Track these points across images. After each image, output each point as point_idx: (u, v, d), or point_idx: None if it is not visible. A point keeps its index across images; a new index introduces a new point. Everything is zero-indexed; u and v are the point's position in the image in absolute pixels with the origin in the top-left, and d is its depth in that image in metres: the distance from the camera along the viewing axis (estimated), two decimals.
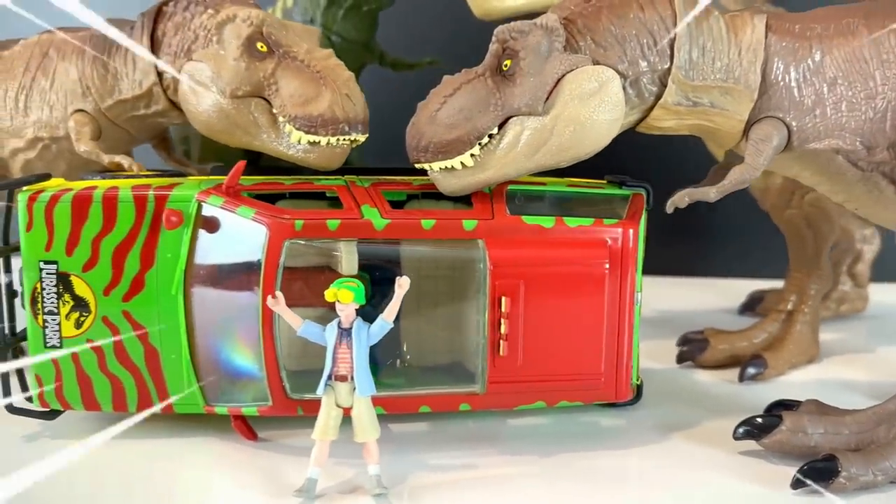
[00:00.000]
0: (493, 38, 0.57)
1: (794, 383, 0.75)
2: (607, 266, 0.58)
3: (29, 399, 0.63)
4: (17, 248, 0.62)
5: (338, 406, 0.54)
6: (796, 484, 0.55)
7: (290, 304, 0.64)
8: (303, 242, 0.58)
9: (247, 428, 0.62)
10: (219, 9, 0.64)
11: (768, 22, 0.58)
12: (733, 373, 0.76)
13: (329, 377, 0.54)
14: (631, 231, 0.59)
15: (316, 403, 0.58)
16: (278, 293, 0.55)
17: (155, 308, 0.61)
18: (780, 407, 0.62)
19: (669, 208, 0.58)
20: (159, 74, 0.66)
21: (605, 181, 0.66)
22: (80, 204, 0.60)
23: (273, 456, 0.60)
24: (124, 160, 0.66)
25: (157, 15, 0.67)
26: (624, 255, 0.59)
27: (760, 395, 0.70)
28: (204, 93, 0.62)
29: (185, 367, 0.61)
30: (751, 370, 0.74)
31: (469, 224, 0.58)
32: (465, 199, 0.61)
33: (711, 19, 0.58)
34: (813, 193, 0.77)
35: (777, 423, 0.59)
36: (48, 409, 0.63)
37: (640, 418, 0.65)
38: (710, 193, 0.57)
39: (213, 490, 0.56)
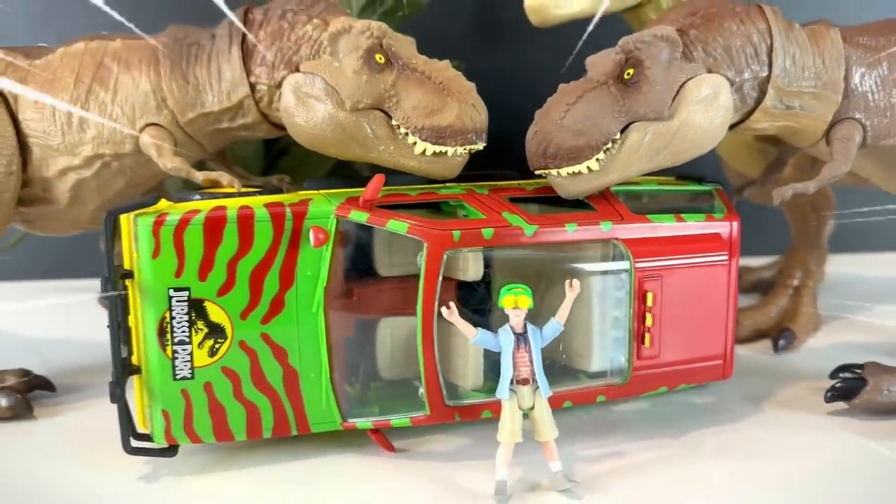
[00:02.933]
0: (618, 49, 0.61)
1: (818, 348, 0.84)
2: (725, 257, 0.63)
3: (144, 437, 0.60)
4: (128, 276, 0.58)
5: (520, 408, 0.55)
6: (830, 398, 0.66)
7: (388, 313, 0.65)
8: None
9: (384, 440, 0.62)
10: (326, 19, 0.62)
11: (842, 34, 0.65)
12: (763, 345, 0.84)
13: (511, 381, 0.55)
14: (735, 224, 0.65)
15: (469, 409, 0.60)
16: (451, 304, 0.55)
17: (295, 328, 0.59)
18: (844, 370, 0.71)
19: (776, 201, 0.64)
20: (251, 85, 0.64)
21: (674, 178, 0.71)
22: (214, 225, 0.57)
23: (422, 464, 0.60)
24: (222, 177, 0.63)
25: (244, 23, 0.64)
26: (732, 246, 0.64)
27: (803, 362, 0.79)
28: (317, 105, 0.61)
29: (324, 385, 0.60)
30: (782, 342, 0.83)
31: (606, 226, 0.61)
32: (571, 203, 0.64)
33: (796, 31, 0.65)
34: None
35: (862, 384, 0.67)
36: (169, 446, 0.59)
37: (725, 394, 0.71)
38: (810, 187, 0.64)
39: (391, 500, 0.56)
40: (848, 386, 0.67)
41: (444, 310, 0.55)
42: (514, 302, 0.55)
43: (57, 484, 0.59)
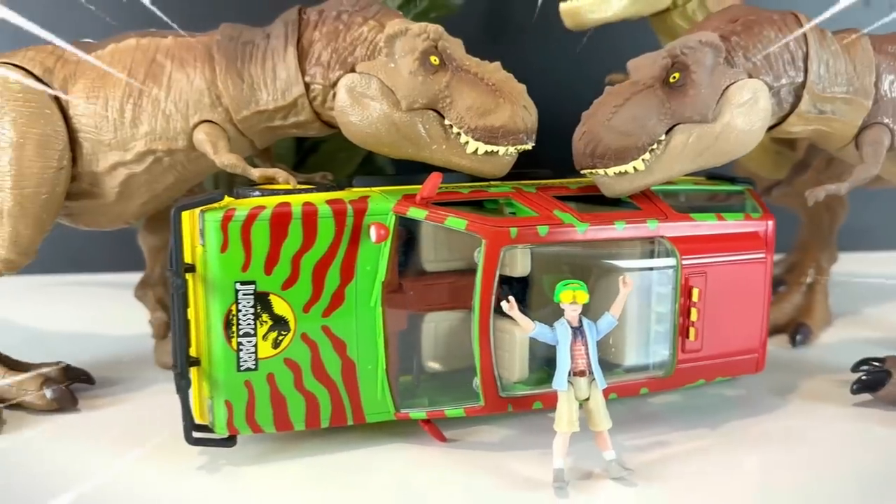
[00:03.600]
0: (664, 54, 0.63)
1: (831, 343, 0.87)
2: (763, 255, 0.66)
3: (203, 427, 0.61)
4: (189, 269, 0.59)
5: (576, 399, 0.58)
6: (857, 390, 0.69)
7: (430, 308, 0.67)
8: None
9: (437, 430, 0.64)
10: (382, 21, 0.64)
11: (871, 42, 0.69)
12: (779, 340, 0.87)
13: (569, 373, 0.57)
14: (770, 223, 0.68)
15: (522, 400, 0.62)
16: (511, 298, 0.57)
17: (354, 321, 0.61)
18: (866, 364, 0.74)
19: (810, 201, 0.67)
20: (306, 84, 0.65)
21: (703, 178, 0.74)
22: (280, 221, 0.58)
23: (476, 454, 0.62)
24: (278, 174, 0.64)
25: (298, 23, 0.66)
26: (768, 245, 0.67)
27: (820, 356, 0.82)
28: (372, 105, 0.63)
29: (380, 377, 0.62)
30: (800, 337, 0.86)
31: (652, 224, 0.64)
32: (612, 201, 0.67)
33: (828, 39, 0.68)
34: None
35: (886, 377, 0.70)
36: (228, 436, 0.61)
37: (752, 387, 0.74)
38: (842, 189, 0.67)
39: (447, 488, 0.58)
40: (873, 378, 0.70)
41: (504, 304, 0.57)
42: (573, 297, 0.57)
43: (115, 476, 0.60)
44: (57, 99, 0.67)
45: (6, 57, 0.69)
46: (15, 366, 0.73)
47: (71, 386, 0.74)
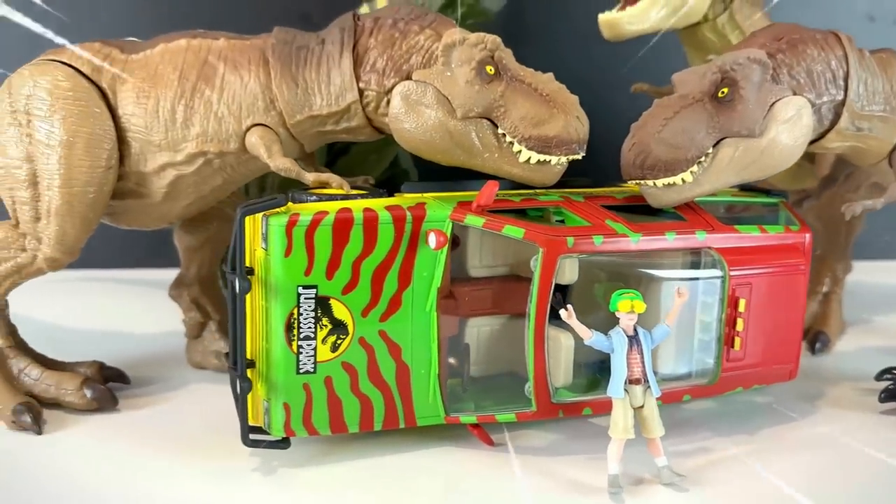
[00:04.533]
0: (715, 69, 0.65)
1: (848, 351, 0.90)
2: (803, 266, 0.68)
3: (256, 429, 0.61)
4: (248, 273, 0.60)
5: (633, 407, 0.59)
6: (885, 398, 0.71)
7: (474, 313, 0.68)
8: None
9: (485, 434, 0.65)
10: (438, 30, 0.65)
11: None
12: None
13: (624, 381, 0.59)
14: (808, 235, 0.70)
15: (572, 406, 0.63)
16: (570, 306, 0.59)
17: (409, 325, 0.61)
18: (889, 373, 0.76)
19: (847, 216, 0.69)
20: (360, 91, 0.66)
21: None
22: (342, 227, 0.59)
23: (526, 458, 0.63)
24: (332, 178, 0.64)
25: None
26: (806, 257, 0.69)
27: (840, 364, 0.85)
28: (427, 112, 0.63)
29: (432, 381, 0.63)
30: (819, 345, 0.88)
31: (701, 235, 0.65)
32: (655, 211, 0.68)
33: (867, 58, 0.70)
34: (851, 193, 0.93)
35: None
36: (283, 438, 0.61)
37: (780, 394, 0.76)
38: (878, 204, 0.69)
39: (498, 493, 0.59)
40: None
41: (563, 312, 0.58)
42: (631, 306, 0.58)
43: (167, 479, 0.60)
44: (105, 97, 0.67)
45: (54, 54, 0.69)
46: (51, 365, 0.73)
47: (108, 385, 0.74)
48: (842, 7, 1.28)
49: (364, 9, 0.88)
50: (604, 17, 0.80)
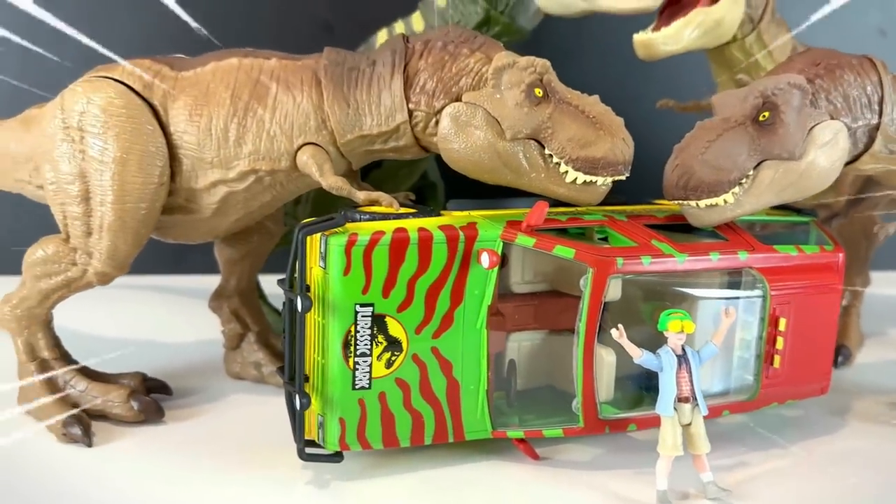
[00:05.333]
0: (756, 94, 0.66)
1: (869, 364, 0.92)
2: (837, 286, 0.70)
3: (311, 443, 0.63)
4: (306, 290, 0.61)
5: (681, 424, 0.61)
6: None
7: (517, 328, 0.70)
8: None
9: (530, 448, 0.66)
10: (488, 53, 0.66)
11: None
12: None
13: (674, 399, 0.60)
14: (841, 255, 0.72)
15: (618, 422, 0.65)
16: (620, 326, 0.60)
17: (460, 342, 0.63)
18: None
19: (882, 237, 0.71)
20: (409, 111, 0.67)
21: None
22: (398, 246, 0.60)
23: (573, 472, 0.65)
24: (382, 197, 0.66)
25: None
26: (840, 276, 0.71)
27: (862, 377, 0.87)
28: (476, 133, 0.65)
29: (480, 396, 0.64)
30: (841, 358, 0.90)
31: (743, 255, 0.67)
32: (693, 230, 0.70)
33: None
34: (870, 210, 0.95)
35: None
36: (336, 452, 0.62)
37: (808, 408, 0.78)
38: None
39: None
40: None
41: (614, 331, 0.60)
42: (681, 326, 0.60)
43: (223, 492, 0.61)
44: (157, 115, 0.68)
45: (105, 71, 0.70)
46: (96, 377, 0.74)
47: (149, 396, 0.75)
48: (853, 22, 1.30)
49: (399, 26, 0.89)
50: (638, 38, 0.82)
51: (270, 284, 0.85)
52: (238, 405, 0.77)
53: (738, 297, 0.68)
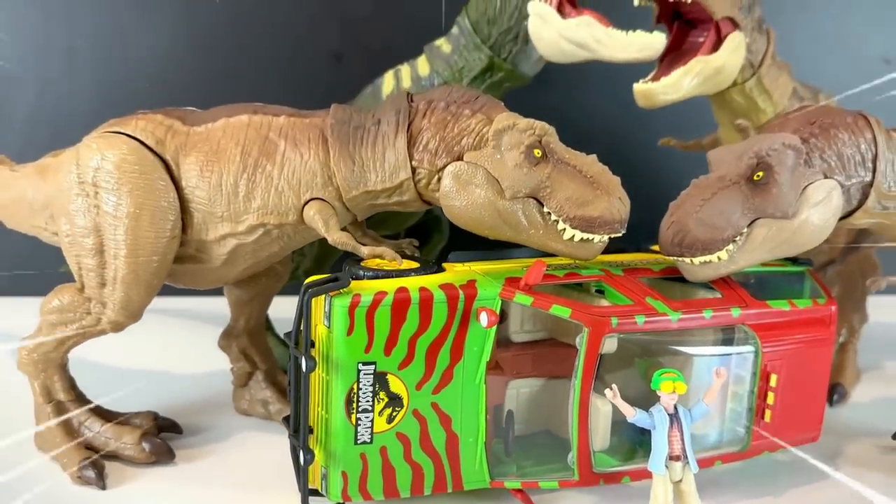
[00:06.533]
0: (751, 154, 0.68)
1: (864, 403, 0.94)
2: (829, 340, 0.72)
3: (314, 492, 0.65)
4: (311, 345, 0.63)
5: (672, 482, 0.63)
6: None
7: (516, 376, 0.72)
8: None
9: (527, 498, 0.68)
10: (489, 114, 0.68)
11: None
12: None
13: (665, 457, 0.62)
14: (833, 308, 0.73)
15: (613, 475, 0.67)
16: (614, 386, 0.62)
17: (460, 397, 0.65)
18: None
19: (873, 290, 0.73)
20: (413, 169, 0.69)
21: None
22: (400, 306, 0.62)
23: None
24: (385, 252, 0.68)
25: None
26: (832, 329, 0.73)
27: (855, 417, 0.88)
28: (477, 192, 0.67)
29: (479, 448, 0.66)
30: (836, 397, 0.92)
31: (736, 312, 0.69)
32: (686, 281, 0.72)
33: (894, 139, 0.73)
34: (867, 250, 0.96)
35: None
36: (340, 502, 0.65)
37: (802, 450, 0.80)
38: None
39: None
40: None
41: (608, 392, 0.62)
42: (673, 388, 0.62)
43: None
44: (169, 169, 0.70)
45: (118, 126, 0.72)
46: (110, 417, 0.76)
47: (160, 435, 0.77)
48: (858, 50, 1.32)
49: (405, 69, 0.90)
50: (638, 88, 0.83)
51: (279, 310, 0.88)
52: (245, 445, 0.79)
53: (730, 354, 0.70)
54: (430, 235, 1.05)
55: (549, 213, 0.67)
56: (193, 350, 0.99)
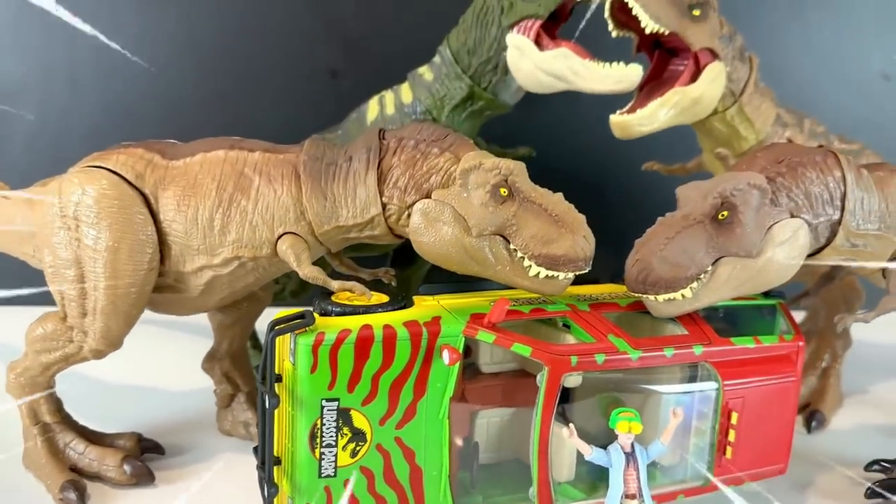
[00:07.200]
0: (716, 194, 0.69)
1: (843, 430, 0.94)
2: (793, 378, 0.72)
3: None
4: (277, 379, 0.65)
5: None
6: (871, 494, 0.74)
7: (488, 406, 0.73)
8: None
9: None
10: (457, 153, 0.69)
11: None
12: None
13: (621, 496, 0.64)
14: (801, 343, 0.74)
15: None
16: (571, 426, 0.64)
17: (423, 432, 0.67)
18: (877, 464, 0.81)
19: (839, 328, 0.73)
20: (383, 205, 0.70)
21: None
22: (363, 344, 0.64)
23: None
24: (355, 287, 0.69)
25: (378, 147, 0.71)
26: (799, 366, 0.73)
27: (833, 445, 0.89)
28: (444, 229, 0.68)
29: (443, 481, 0.68)
30: (815, 423, 0.92)
31: (698, 349, 0.70)
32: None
33: (864, 177, 0.73)
34: (849, 277, 0.96)
35: None
36: None
37: (769, 482, 0.80)
38: (868, 318, 0.74)
39: None
40: (888, 484, 0.77)
41: (564, 431, 0.64)
42: (628, 427, 0.63)
43: None
44: (148, 203, 0.72)
45: (99, 159, 0.74)
46: (94, 438, 0.79)
47: (144, 456, 0.80)
48: (856, 67, 1.31)
49: (388, 95, 0.92)
50: (614, 119, 0.84)
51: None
52: (225, 466, 0.81)
53: (693, 391, 0.71)
54: (416, 257, 1.06)
55: (516, 250, 0.69)
56: (182, 366, 1.01)
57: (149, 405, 0.93)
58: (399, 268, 0.81)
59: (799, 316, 1.09)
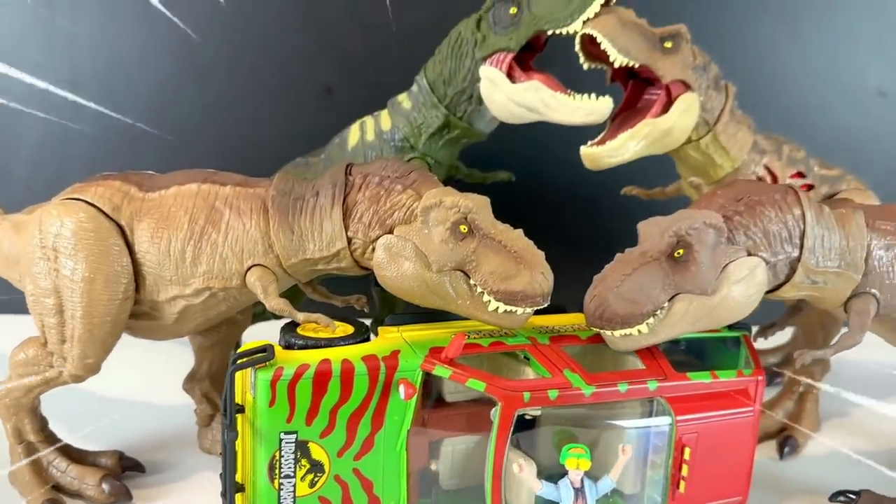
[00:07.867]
0: (671, 233, 0.70)
1: (817, 456, 0.94)
2: (751, 412, 0.73)
3: None
4: (239, 410, 0.67)
5: None
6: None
7: (452, 434, 0.75)
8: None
9: None
10: (419, 190, 0.71)
11: (864, 217, 0.75)
12: (767, 448, 0.94)
13: None
14: (760, 378, 0.75)
15: None
16: (522, 462, 0.65)
17: (381, 463, 0.69)
18: (842, 495, 0.81)
19: (798, 364, 0.74)
20: (348, 239, 0.72)
21: None
22: (321, 379, 0.66)
23: None
24: (320, 318, 0.72)
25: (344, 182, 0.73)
26: (758, 400, 0.74)
27: (804, 472, 0.89)
28: (406, 264, 0.70)
29: None
30: (787, 449, 0.93)
31: (652, 385, 0.71)
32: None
33: (825, 214, 0.74)
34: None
35: None
36: None
37: None
38: (828, 354, 0.74)
39: None
40: None
41: (514, 467, 0.65)
42: (577, 464, 0.65)
43: None
44: (124, 234, 0.75)
45: (78, 192, 0.77)
46: (77, 458, 0.82)
47: (125, 474, 0.83)
48: (852, 82, 1.31)
49: (368, 121, 0.94)
50: (585, 151, 0.85)
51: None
52: (203, 485, 0.84)
53: (648, 426, 0.72)
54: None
55: (476, 285, 0.70)
56: (167, 383, 1.04)
57: (132, 422, 0.96)
58: (383, 288, 0.83)
59: (782, 338, 1.10)
